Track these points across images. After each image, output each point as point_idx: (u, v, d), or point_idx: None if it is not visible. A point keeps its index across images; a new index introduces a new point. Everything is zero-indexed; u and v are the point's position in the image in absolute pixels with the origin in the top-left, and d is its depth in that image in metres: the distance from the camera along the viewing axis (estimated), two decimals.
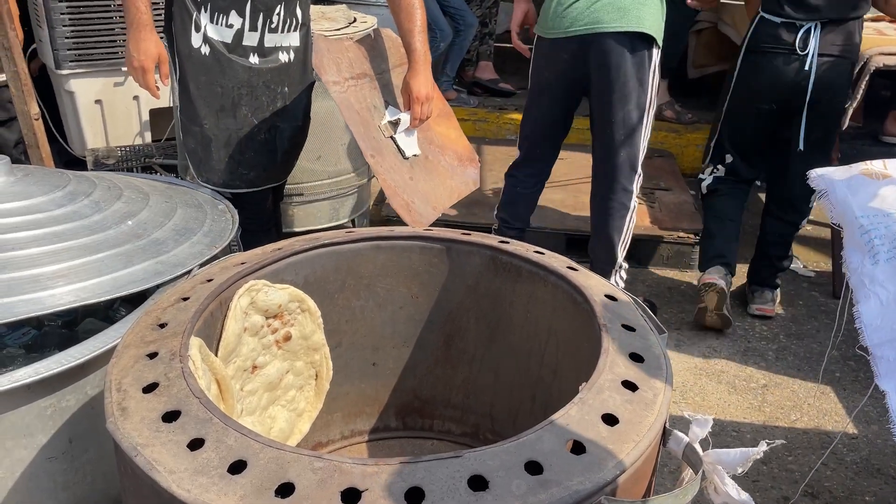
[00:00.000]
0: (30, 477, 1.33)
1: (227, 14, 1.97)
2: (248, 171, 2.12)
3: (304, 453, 0.86)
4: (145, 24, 1.89)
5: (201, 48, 2.00)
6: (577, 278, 1.26)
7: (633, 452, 0.89)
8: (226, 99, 2.05)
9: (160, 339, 1.07)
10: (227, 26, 1.98)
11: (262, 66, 2.07)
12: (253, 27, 2.01)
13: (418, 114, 2.11)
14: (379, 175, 1.96)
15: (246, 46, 2.02)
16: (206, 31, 1.98)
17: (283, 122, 2.16)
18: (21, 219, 1.51)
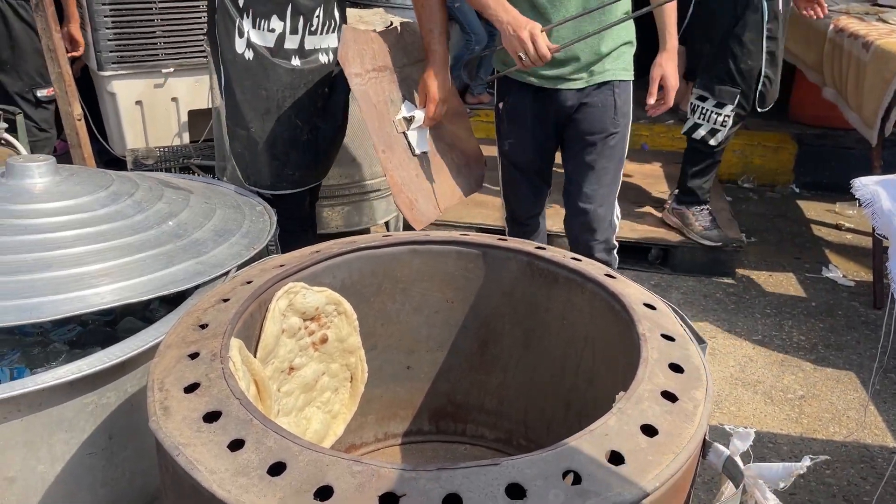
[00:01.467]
0: (70, 471, 1.36)
1: (269, 19, 2.00)
2: (294, 172, 2.15)
3: (343, 457, 0.86)
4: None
5: (245, 53, 2.03)
6: (616, 286, 1.25)
7: (672, 465, 0.88)
8: (270, 102, 2.08)
9: (201, 339, 1.08)
10: (268, 31, 2.01)
11: (304, 68, 2.09)
12: (294, 30, 2.03)
13: (432, 114, 2.12)
14: (387, 171, 1.96)
15: (287, 49, 2.05)
16: (249, 36, 2.01)
17: (323, 123, 2.19)
18: (66, 218, 1.54)
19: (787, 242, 3.55)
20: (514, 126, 2.23)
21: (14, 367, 1.55)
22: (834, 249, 3.49)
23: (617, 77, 2.14)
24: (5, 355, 1.60)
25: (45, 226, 1.51)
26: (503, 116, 2.26)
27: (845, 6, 3.57)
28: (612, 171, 2.21)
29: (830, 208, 3.90)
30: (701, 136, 3.03)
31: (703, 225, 3.11)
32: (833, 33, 3.24)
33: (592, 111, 2.15)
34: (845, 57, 3.08)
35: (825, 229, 3.70)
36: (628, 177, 3.80)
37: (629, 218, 3.33)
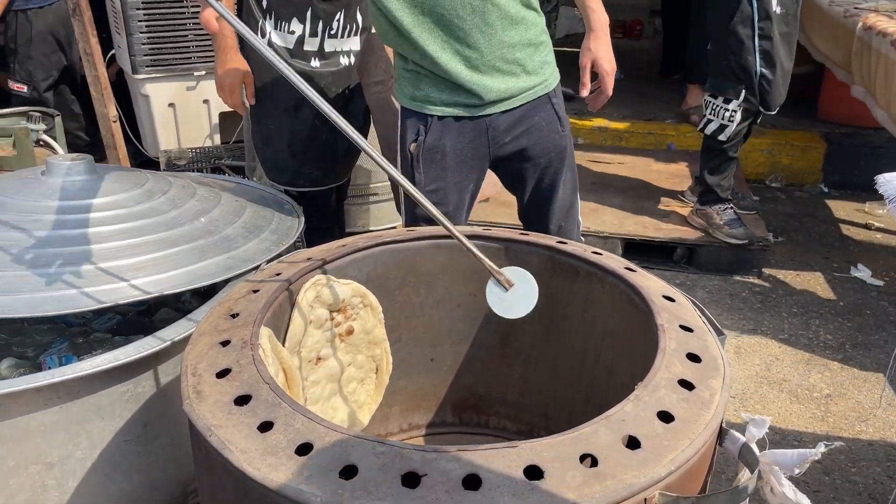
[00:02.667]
0: (107, 457, 1.41)
1: (289, 21, 2.06)
2: (312, 171, 2.20)
3: (368, 438, 0.90)
4: (230, 47, 1.99)
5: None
6: (635, 279, 1.27)
7: (688, 450, 0.90)
8: (288, 101, 2.13)
9: (232, 328, 1.12)
10: (289, 32, 2.07)
11: (323, 70, 2.14)
12: (313, 33, 2.08)
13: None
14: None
15: (307, 51, 2.10)
16: (270, 37, 2.07)
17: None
18: (103, 214, 1.60)
19: (816, 242, 3.53)
20: (432, 169, 1.81)
21: (63, 356, 1.61)
22: (863, 249, 3.45)
23: (552, 87, 1.86)
24: (53, 344, 1.67)
25: (82, 221, 1.57)
26: (418, 158, 1.81)
27: (874, 4, 3.53)
28: (572, 191, 1.94)
29: (860, 208, 3.85)
30: (712, 131, 3.05)
31: (727, 223, 3.10)
32: (861, 31, 3.21)
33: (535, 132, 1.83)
34: (874, 55, 3.06)
35: (854, 229, 3.67)
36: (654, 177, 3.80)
37: (654, 217, 3.33)
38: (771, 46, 2.88)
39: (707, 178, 3.16)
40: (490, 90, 1.73)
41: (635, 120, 4.49)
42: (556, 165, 1.87)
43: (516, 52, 1.74)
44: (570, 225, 1.95)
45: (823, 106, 4.46)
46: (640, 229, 3.22)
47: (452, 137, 1.78)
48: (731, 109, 2.96)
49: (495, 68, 1.72)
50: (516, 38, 1.73)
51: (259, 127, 2.20)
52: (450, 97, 1.74)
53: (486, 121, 1.78)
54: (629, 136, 4.40)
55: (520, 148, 1.83)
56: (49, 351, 1.66)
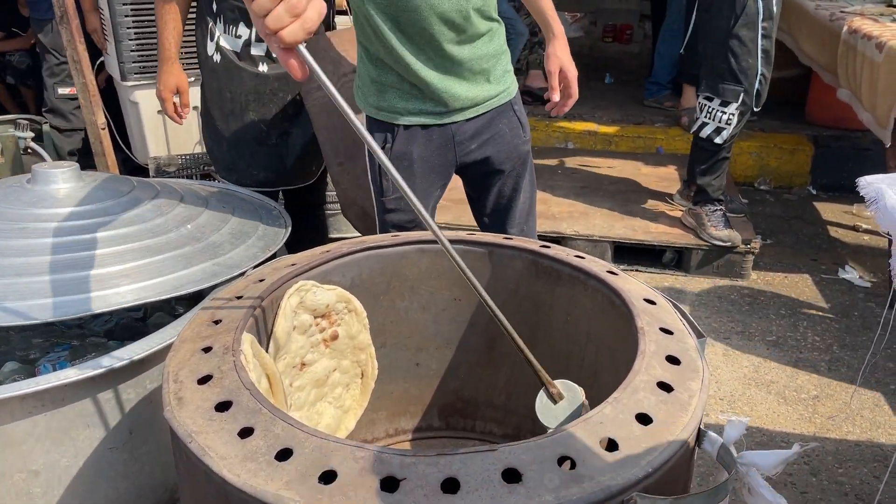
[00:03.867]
0: (92, 465, 1.41)
1: (237, 25, 2.08)
2: (258, 172, 2.21)
3: (347, 443, 0.90)
4: (167, 58, 2.09)
5: (214, 56, 2.13)
6: (617, 282, 1.28)
7: (666, 451, 0.91)
8: (234, 104, 2.16)
9: (215, 334, 1.13)
10: (236, 36, 2.09)
11: (271, 74, 2.15)
12: (259, 38, 2.10)
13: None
14: (339, 185, 1.97)
15: (255, 56, 2.12)
16: (218, 40, 2.09)
17: (295, 129, 2.23)
18: (88, 221, 1.60)
19: (804, 244, 3.55)
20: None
21: (58, 362, 1.62)
22: (850, 251, 3.48)
23: (513, 94, 1.88)
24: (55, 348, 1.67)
25: (69, 229, 1.58)
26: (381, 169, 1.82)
27: (860, 7, 3.56)
28: (531, 195, 1.98)
29: (847, 210, 3.88)
30: (707, 134, 3.06)
31: (715, 226, 3.12)
32: (847, 34, 3.24)
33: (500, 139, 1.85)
34: (859, 58, 3.08)
35: (842, 231, 3.69)
36: (644, 180, 3.82)
37: (643, 220, 3.35)
38: (770, 45, 2.91)
39: (699, 179, 3.18)
40: (458, 98, 1.75)
41: (625, 124, 4.52)
42: (519, 170, 1.91)
43: (484, 62, 1.78)
44: (530, 227, 1.99)
45: (811, 109, 4.49)
46: (630, 232, 3.23)
47: (419, 145, 1.79)
48: (730, 112, 2.98)
49: (464, 77, 1.75)
50: (484, 50, 1.77)
51: (209, 128, 2.25)
52: (415, 106, 1.76)
53: (452, 128, 1.80)
54: (618, 140, 4.42)
55: (485, 155, 1.86)
56: (49, 356, 1.66)
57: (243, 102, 2.15)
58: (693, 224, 3.22)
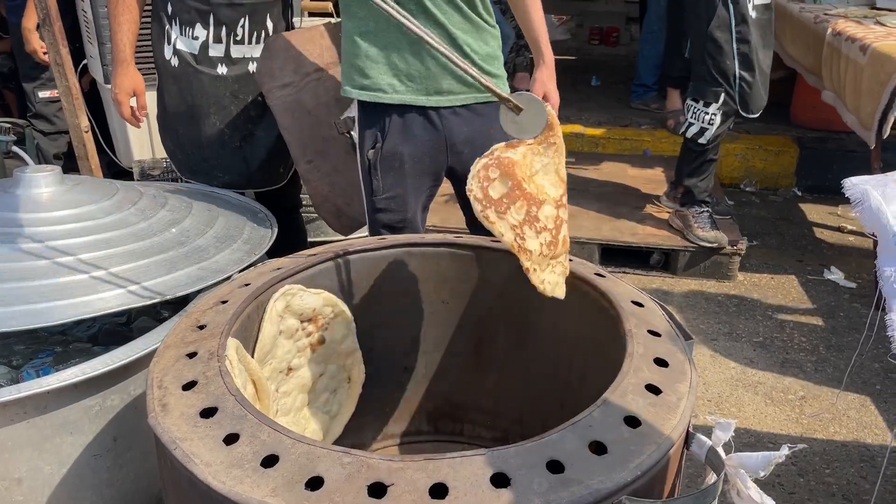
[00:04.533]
0: (76, 472, 1.39)
1: (193, 27, 2.06)
2: (223, 175, 2.18)
3: (334, 449, 0.89)
4: (123, 60, 2.07)
5: (171, 60, 2.10)
6: (604, 285, 1.28)
7: (654, 454, 0.91)
8: (195, 108, 2.13)
9: (199, 339, 1.11)
10: (193, 38, 2.07)
11: (230, 76, 2.12)
12: (217, 39, 2.07)
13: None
14: (309, 182, 1.95)
15: (213, 57, 2.09)
16: (175, 43, 2.07)
17: (259, 131, 2.20)
18: (72, 226, 1.58)
19: (789, 245, 3.57)
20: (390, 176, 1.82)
21: (42, 368, 1.60)
22: (836, 252, 3.50)
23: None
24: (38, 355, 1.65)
25: (52, 234, 1.56)
26: (376, 166, 1.81)
27: (843, 10, 3.59)
28: None
29: (833, 211, 3.91)
30: (692, 134, 3.08)
31: (702, 227, 3.13)
32: (831, 37, 3.26)
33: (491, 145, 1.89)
34: (843, 60, 3.11)
35: (827, 232, 3.71)
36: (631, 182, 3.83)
37: (630, 222, 3.35)
38: (749, 50, 2.92)
39: (685, 180, 3.19)
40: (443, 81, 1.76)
41: (611, 126, 4.53)
42: None
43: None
44: None
45: (796, 111, 4.52)
46: (617, 234, 3.24)
47: (411, 146, 1.79)
48: (711, 113, 2.99)
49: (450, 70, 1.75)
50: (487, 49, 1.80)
51: (169, 133, 2.21)
52: (401, 84, 1.74)
53: (445, 132, 1.80)
54: (605, 142, 4.43)
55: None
56: (32, 362, 1.64)
57: (204, 106, 2.12)
58: (680, 226, 3.23)
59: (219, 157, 2.17)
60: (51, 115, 3.57)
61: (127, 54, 2.07)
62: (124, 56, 2.07)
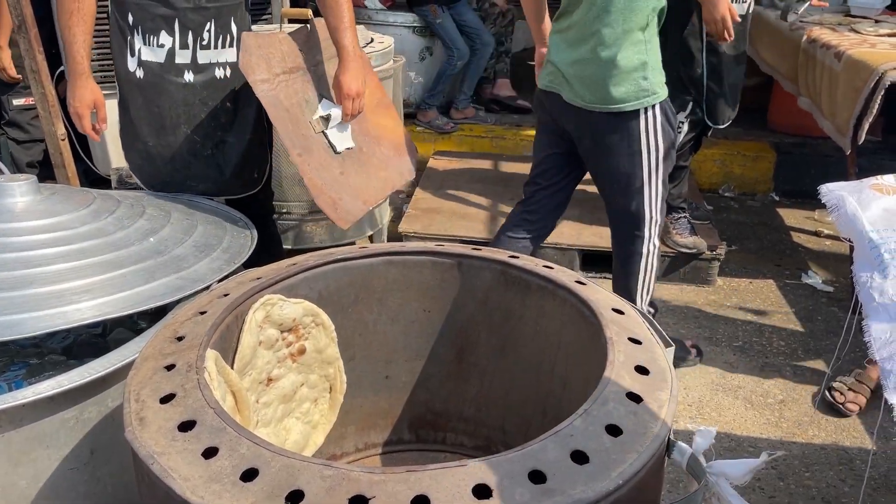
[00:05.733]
0: (52, 486, 1.37)
1: (157, 34, 2.02)
2: (197, 184, 2.14)
3: (314, 462, 0.88)
4: (81, 72, 2.02)
5: (136, 72, 2.05)
6: (585, 292, 1.28)
7: (636, 463, 0.91)
8: (165, 118, 2.09)
9: (178, 351, 1.10)
10: (158, 46, 2.03)
11: (197, 83, 2.09)
12: (184, 45, 2.04)
13: (349, 110, 2.11)
14: (305, 174, 1.95)
15: (179, 65, 2.06)
16: (140, 53, 2.03)
17: (230, 137, 2.17)
18: (47, 236, 1.56)
19: (768, 249, 3.60)
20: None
21: (14, 381, 1.57)
22: (813, 256, 3.54)
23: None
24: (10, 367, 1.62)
25: (26, 244, 1.53)
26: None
27: (818, 17, 3.64)
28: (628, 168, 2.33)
29: (810, 216, 3.95)
30: None
31: (680, 233, 3.15)
32: (806, 44, 3.30)
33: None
34: (818, 67, 3.15)
35: (804, 236, 3.76)
36: None
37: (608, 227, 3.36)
38: (718, 62, 2.93)
39: None
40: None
41: None
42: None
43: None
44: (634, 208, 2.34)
45: (773, 116, 4.57)
46: (597, 240, 3.25)
47: None
48: (680, 120, 3.01)
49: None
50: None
51: (134, 147, 2.14)
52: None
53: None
54: None
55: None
56: (5, 375, 1.61)
57: (173, 116, 2.08)
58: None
59: (191, 166, 2.14)
60: (25, 122, 3.53)
61: (84, 66, 2.02)
62: (82, 68, 2.02)
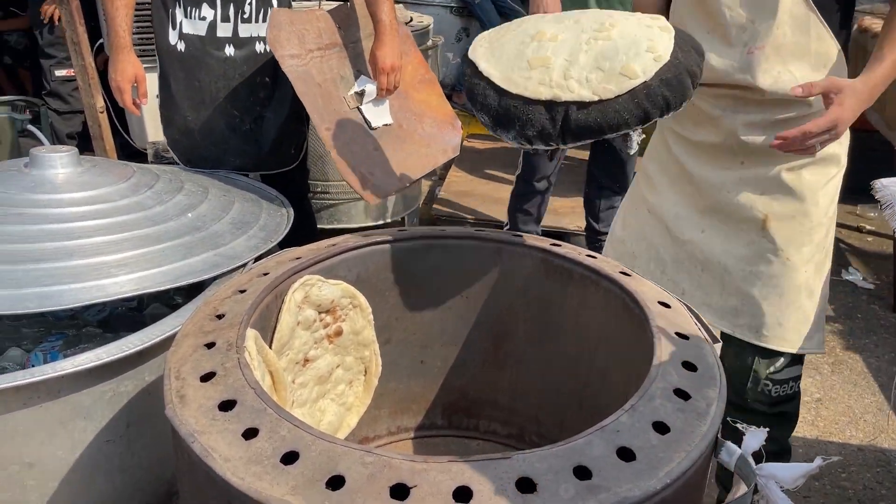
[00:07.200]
0: (89, 457, 1.38)
1: (199, 7, 2.01)
2: (234, 159, 2.14)
3: (355, 447, 0.87)
4: (122, 46, 2.01)
5: (177, 45, 2.05)
6: (630, 283, 1.25)
7: (683, 462, 0.88)
8: (204, 93, 2.08)
9: (218, 329, 1.09)
10: (199, 19, 2.02)
11: (238, 57, 2.08)
12: (225, 18, 2.03)
13: (384, 84, 2.09)
14: (331, 149, 1.93)
15: (220, 38, 2.05)
16: (181, 26, 2.02)
17: (268, 113, 2.16)
18: (87, 208, 1.56)
19: None
20: None
21: (50, 352, 1.58)
22: (854, 252, 3.45)
23: None
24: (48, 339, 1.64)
25: (66, 215, 1.54)
26: None
27: (869, 6, 3.53)
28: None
29: (852, 210, 3.85)
30: None
31: None
32: (857, 34, 3.20)
33: None
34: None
35: (846, 231, 3.67)
36: None
37: None
38: None
39: None
40: None
41: None
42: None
43: None
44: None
45: None
46: None
47: None
48: None
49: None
50: None
51: (173, 121, 2.14)
52: None
53: None
54: None
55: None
56: (42, 345, 1.63)
57: (213, 90, 2.08)
58: None
59: (229, 141, 2.14)
60: (66, 94, 3.56)
61: (126, 40, 2.02)
62: (124, 42, 2.02)
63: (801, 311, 1.58)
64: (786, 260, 1.54)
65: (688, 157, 1.62)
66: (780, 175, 1.52)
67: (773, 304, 1.56)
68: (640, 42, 1.12)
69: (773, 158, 1.50)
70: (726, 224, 1.58)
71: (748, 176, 1.54)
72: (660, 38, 1.13)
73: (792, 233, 1.54)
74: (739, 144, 1.53)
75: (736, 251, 1.57)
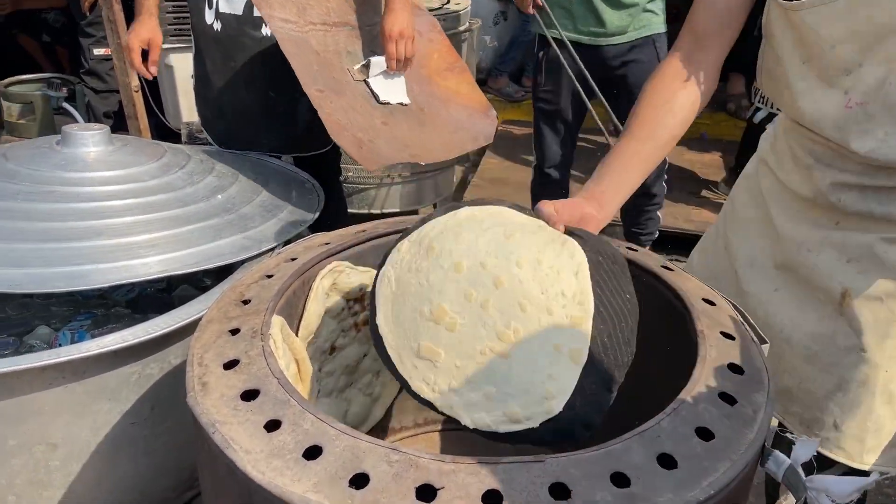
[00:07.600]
0: (113, 439, 1.37)
1: None
2: (269, 141, 2.11)
3: (381, 444, 0.83)
4: (145, 10, 2.03)
5: (214, 24, 2.01)
6: (673, 279, 1.19)
7: (729, 472, 0.83)
8: (240, 73, 2.05)
9: (243, 315, 1.06)
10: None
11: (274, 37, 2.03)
12: None
13: (392, 52, 1.99)
14: (321, 108, 1.87)
15: (257, 18, 2.00)
16: (217, 5, 1.98)
17: (303, 94, 2.12)
18: (117, 187, 1.55)
19: None
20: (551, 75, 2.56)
21: (78, 332, 1.57)
22: None
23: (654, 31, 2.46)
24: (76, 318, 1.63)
25: (97, 194, 1.52)
26: (541, 67, 2.58)
27: None
28: None
29: None
30: (759, 119, 2.95)
31: None
32: None
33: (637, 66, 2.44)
34: None
35: None
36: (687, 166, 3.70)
37: (686, 207, 3.23)
38: None
39: None
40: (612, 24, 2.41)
41: None
42: None
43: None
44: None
45: None
46: (671, 220, 3.12)
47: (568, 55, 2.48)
48: None
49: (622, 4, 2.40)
50: None
51: (208, 101, 2.12)
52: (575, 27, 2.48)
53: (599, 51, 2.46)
54: None
55: (622, 75, 2.51)
56: (70, 324, 1.62)
57: (249, 70, 2.04)
58: None
59: (264, 122, 2.11)
60: (104, 72, 3.57)
61: (150, 5, 2.03)
62: (147, 7, 2.03)
63: (872, 417, 1.24)
64: (861, 351, 1.22)
65: (774, 203, 1.34)
66: (873, 244, 1.18)
67: (836, 402, 1.26)
68: (536, 377, 0.97)
69: (874, 224, 1.18)
70: (801, 289, 1.29)
71: (835, 237, 1.23)
72: (562, 375, 0.98)
73: (875, 319, 1.21)
74: (832, 203, 1.22)
75: (805, 325, 1.28)
